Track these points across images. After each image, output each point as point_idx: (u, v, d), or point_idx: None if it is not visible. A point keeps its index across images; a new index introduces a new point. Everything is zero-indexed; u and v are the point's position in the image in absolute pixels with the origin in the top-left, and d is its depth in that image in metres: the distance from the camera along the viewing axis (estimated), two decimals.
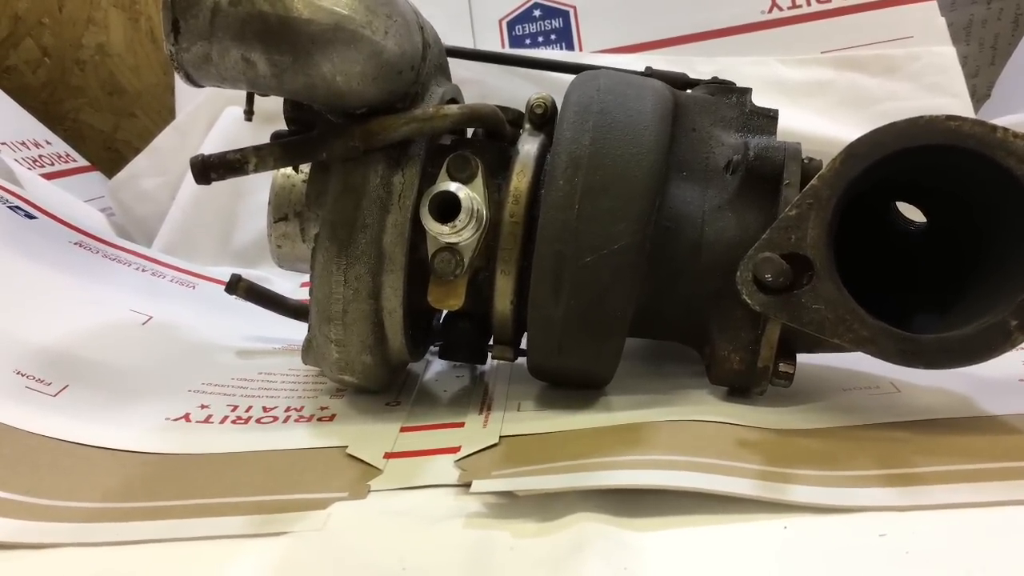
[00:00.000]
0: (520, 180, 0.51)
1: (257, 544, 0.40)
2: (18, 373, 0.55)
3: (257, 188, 0.88)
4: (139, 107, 1.14)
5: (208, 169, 0.48)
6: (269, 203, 0.56)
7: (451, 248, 0.50)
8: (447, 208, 0.48)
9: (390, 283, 0.50)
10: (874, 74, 0.81)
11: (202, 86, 0.47)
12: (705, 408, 0.50)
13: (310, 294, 0.51)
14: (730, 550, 0.38)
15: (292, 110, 0.51)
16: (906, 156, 0.46)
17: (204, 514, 0.43)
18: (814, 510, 0.40)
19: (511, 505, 0.42)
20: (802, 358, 0.52)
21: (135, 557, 0.40)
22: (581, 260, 0.48)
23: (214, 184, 0.88)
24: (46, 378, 0.55)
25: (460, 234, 0.49)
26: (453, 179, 0.50)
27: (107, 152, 1.14)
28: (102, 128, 1.14)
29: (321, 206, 0.50)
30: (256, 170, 0.49)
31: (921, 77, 0.81)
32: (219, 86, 0.46)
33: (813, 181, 0.47)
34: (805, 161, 0.51)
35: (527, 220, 0.51)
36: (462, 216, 0.48)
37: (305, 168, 0.55)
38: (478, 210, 0.49)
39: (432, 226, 0.48)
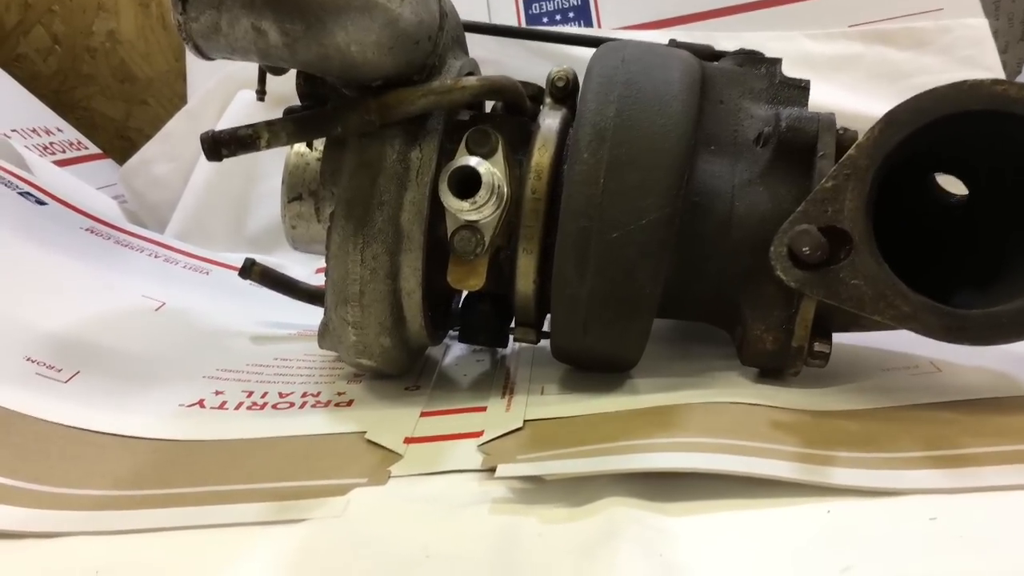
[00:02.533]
0: (542, 155, 0.49)
1: (274, 531, 0.39)
2: (28, 360, 0.54)
3: (271, 173, 0.87)
4: (151, 94, 1.12)
5: (219, 145, 0.46)
6: (283, 182, 0.54)
7: (471, 226, 0.48)
8: (467, 183, 0.46)
9: (408, 263, 0.48)
10: (904, 48, 0.79)
11: (212, 58, 0.45)
12: (737, 390, 0.48)
13: (326, 275, 0.50)
14: (771, 535, 0.36)
15: (305, 84, 0.49)
16: (948, 123, 0.44)
17: (218, 501, 0.42)
18: (858, 493, 0.38)
19: (538, 490, 0.41)
20: (836, 338, 0.50)
21: (147, 545, 0.38)
22: (607, 236, 0.46)
23: (227, 169, 0.87)
24: (57, 364, 0.54)
25: (480, 211, 0.47)
26: (473, 154, 0.48)
27: (119, 140, 1.13)
28: (114, 116, 1.13)
29: (336, 183, 0.48)
30: (268, 146, 0.47)
31: (953, 50, 0.78)
32: (229, 58, 0.45)
33: (850, 151, 0.45)
34: (840, 132, 0.49)
35: (550, 196, 0.49)
36: (482, 192, 0.46)
37: (319, 145, 0.54)
38: (499, 186, 0.47)
39: (451, 202, 0.46)
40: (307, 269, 0.79)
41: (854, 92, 0.77)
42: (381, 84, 0.47)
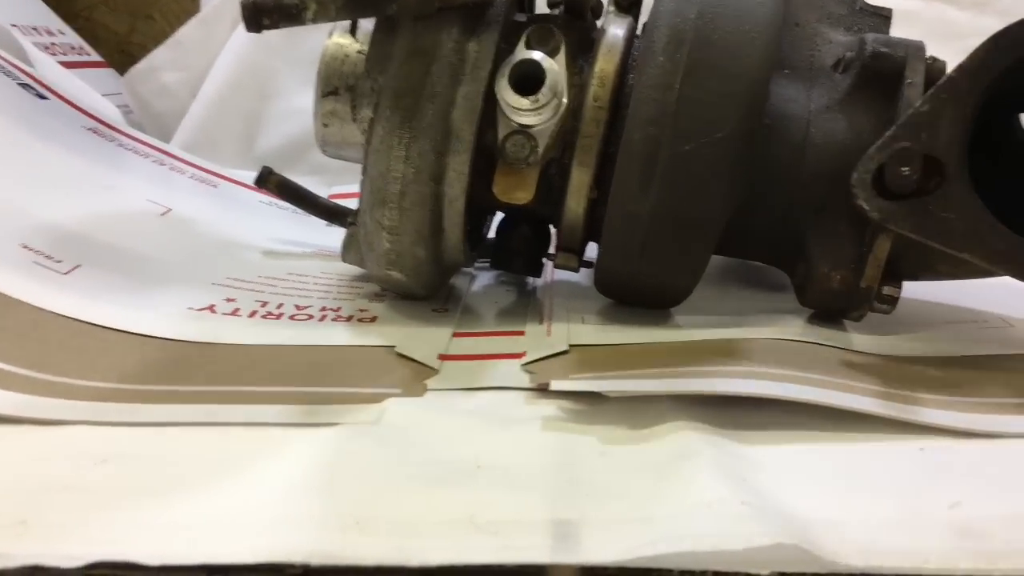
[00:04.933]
0: (607, 62, 0.45)
1: (303, 433, 0.35)
2: (25, 247, 0.49)
3: (285, 91, 0.82)
4: (157, 9, 1.06)
5: (260, 14, 0.42)
6: (318, 75, 0.49)
7: (525, 131, 0.44)
8: (529, 80, 0.42)
9: (455, 165, 0.44)
10: (963, 7, 0.75)
11: None
12: (795, 330, 0.45)
13: (363, 173, 0.45)
14: (863, 468, 0.32)
15: None
16: None
17: (238, 400, 0.38)
18: (949, 434, 0.35)
19: (593, 411, 0.37)
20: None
21: (159, 437, 0.34)
22: (678, 148, 0.42)
23: (239, 83, 0.82)
24: (56, 255, 0.49)
25: (540, 113, 0.43)
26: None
27: (120, 55, 1.06)
28: (117, 29, 1.07)
29: (383, 71, 0.44)
30: (315, 20, 0.42)
31: (1013, 12, 0.74)
32: None
33: (950, 72, 0.41)
34: (929, 61, 0.46)
35: (612, 107, 0.45)
36: (545, 90, 0.42)
37: (360, 38, 0.49)
38: (561, 89, 0.43)
39: (510, 98, 0.42)
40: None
41: None
42: None
